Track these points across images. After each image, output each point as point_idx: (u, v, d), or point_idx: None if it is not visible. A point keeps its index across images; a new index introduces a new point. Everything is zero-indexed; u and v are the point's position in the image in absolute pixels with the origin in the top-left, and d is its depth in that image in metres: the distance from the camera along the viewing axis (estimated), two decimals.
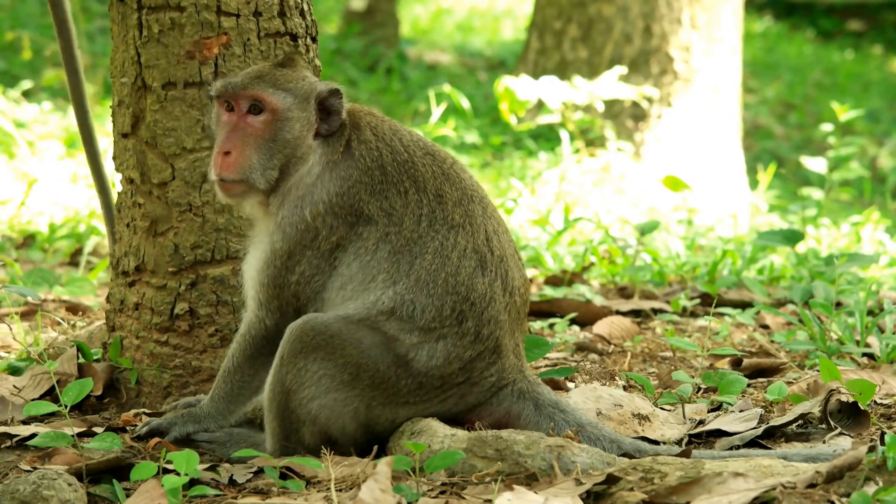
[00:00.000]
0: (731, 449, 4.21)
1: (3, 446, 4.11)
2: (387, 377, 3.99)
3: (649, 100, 11.51)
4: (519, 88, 10.94)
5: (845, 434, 4.27)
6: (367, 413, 4.02)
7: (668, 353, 5.59)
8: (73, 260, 7.53)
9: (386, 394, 4.00)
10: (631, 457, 3.94)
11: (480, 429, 4.06)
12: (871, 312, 5.73)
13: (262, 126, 4.05)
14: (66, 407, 4.11)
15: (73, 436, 3.98)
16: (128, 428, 4.32)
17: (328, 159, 4.08)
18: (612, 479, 3.60)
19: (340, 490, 3.70)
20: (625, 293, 6.99)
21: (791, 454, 3.92)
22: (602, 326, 5.96)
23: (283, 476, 3.79)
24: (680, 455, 3.88)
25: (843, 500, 3.34)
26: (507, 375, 4.13)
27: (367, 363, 3.97)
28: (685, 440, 4.35)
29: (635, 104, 11.52)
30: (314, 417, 3.99)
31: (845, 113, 10.24)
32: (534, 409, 4.14)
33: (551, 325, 6.09)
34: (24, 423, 4.33)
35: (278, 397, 4.00)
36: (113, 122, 4.60)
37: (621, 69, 11.28)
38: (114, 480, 3.80)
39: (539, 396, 4.16)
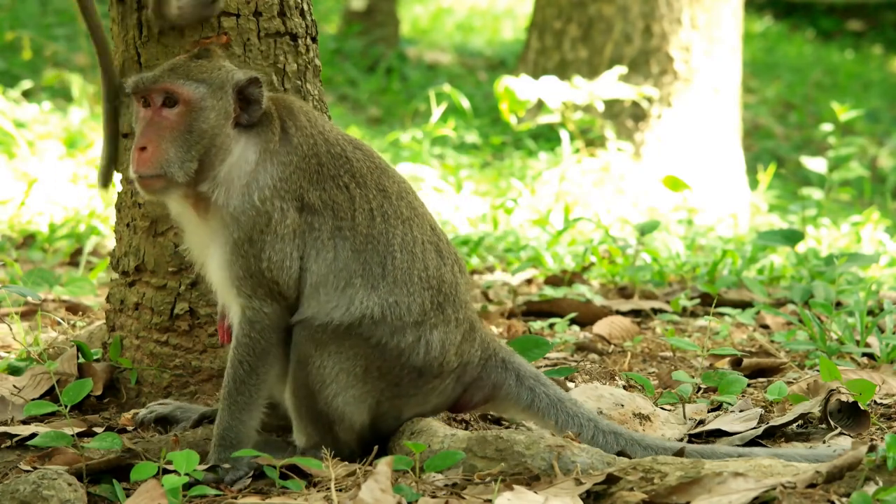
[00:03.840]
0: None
1: (3, 446, 4.11)
2: (392, 367, 4.00)
3: (649, 100, 11.51)
4: (519, 88, 10.95)
5: (845, 434, 4.27)
6: (377, 408, 4.04)
7: (668, 353, 5.59)
8: (73, 260, 7.53)
9: (391, 385, 4.01)
10: (618, 445, 4.03)
11: (475, 406, 4.19)
12: (871, 312, 5.73)
13: (177, 118, 3.97)
14: (66, 407, 4.11)
15: (73, 436, 3.98)
16: (128, 428, 4.32)
17: (264, 147, 4.01)
18: (612, 479, 3.60)
19: (340, 490, 3.70)
20: (625, 293, 6.99)
21: (791, 454, 3.92)
22: (602, 326, 5.96)
23: (283, 476, 3.78)
24: (676, 454, 3.90)
25: (843, 500, 3.34)
26: (487, 346, 4.20)
27: (372, 354, 3.98)
28: (685, 440, 4.36)
29: (635, 104, 11.52)
30: (341, 414, 3.98)
31: (845, 113, 10.24)
32: (515, 381, 4.19)
33: (551, 325, 6.09)
34: (24, 422, 4.33)
35: (305, 401, 3.98)
36: None
37: (621, 69, 11.28)
38: (114, 480, 3.80)
39: (520, 367, 4.21)
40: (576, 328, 6.13)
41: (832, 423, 4.35)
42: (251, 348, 3.98)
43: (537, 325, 6.09)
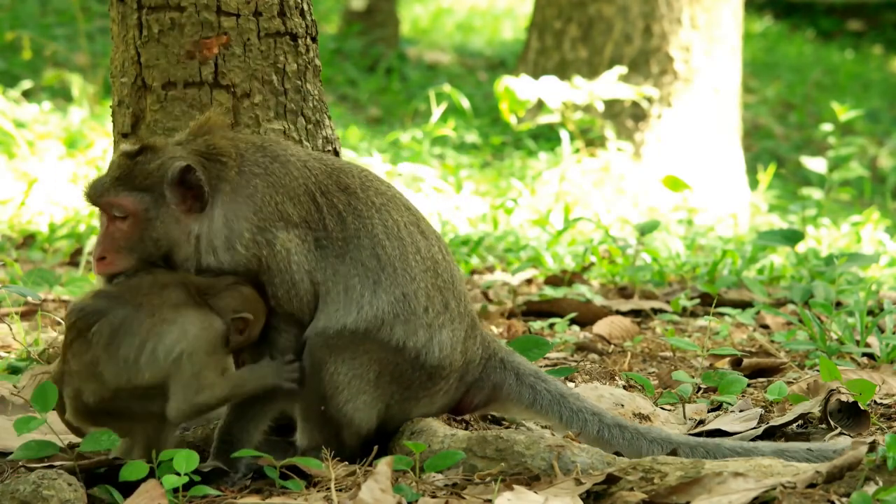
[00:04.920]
0: None
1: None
2: (404, 370, 3.99)
3: (649, 100, 11.51)
4: (519, 88, 10.95)
5: (845, 434, 4.27)
6: (386, 412, 4.03)
7: (668, 353, 5.59)
8: (73, 260, 7.52)
9: (402, 388, 4.00)
10: (623, 439, 4.01)
11: (476, 408, 4.16)
12: (871, 312, 5.73)
13: (129, 229, 3.94)
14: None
15: (67, 444, 3.90)
16: None
17: (225, 198, 3.94)
18: (612, 479, 3.60)
19: (340, 490, 3.70)
20: (625, 293, 6.99)
21: (791, 453, 3.92)
22: (602, 326, 5.96)
23: (283, 476, 3.78)
24: (669, 454, 3.90)
25: (843, 500, 3.34)
26: (488, 345, 4.19)
27: (386, 358, 3.97)
28: None
29: (635, 104, 11.52)
30: (350, 420, 3.98)
31: (845, 113, 10.25)
32: (515, 379, 4.17)
33: (551, 325, 6.09)
34: None
35: (315, 406, 3.96)
36: (113, 122, 4.60)
37: (621, 69, 11.28)
38: (108, 483, 3.77)
39: (519, 366, 4.20)
40: (576, 328, 6.13)
41: (832, 423, 4.35)
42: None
43: (537, 325, 6.09)
